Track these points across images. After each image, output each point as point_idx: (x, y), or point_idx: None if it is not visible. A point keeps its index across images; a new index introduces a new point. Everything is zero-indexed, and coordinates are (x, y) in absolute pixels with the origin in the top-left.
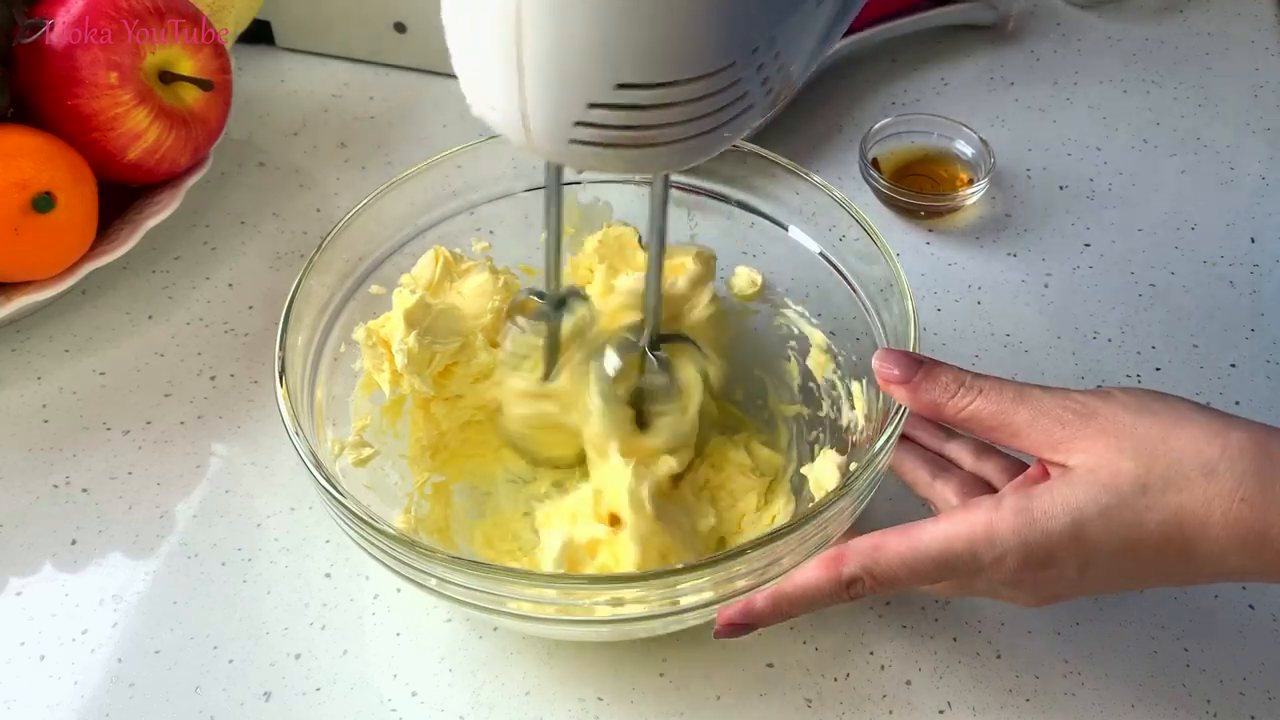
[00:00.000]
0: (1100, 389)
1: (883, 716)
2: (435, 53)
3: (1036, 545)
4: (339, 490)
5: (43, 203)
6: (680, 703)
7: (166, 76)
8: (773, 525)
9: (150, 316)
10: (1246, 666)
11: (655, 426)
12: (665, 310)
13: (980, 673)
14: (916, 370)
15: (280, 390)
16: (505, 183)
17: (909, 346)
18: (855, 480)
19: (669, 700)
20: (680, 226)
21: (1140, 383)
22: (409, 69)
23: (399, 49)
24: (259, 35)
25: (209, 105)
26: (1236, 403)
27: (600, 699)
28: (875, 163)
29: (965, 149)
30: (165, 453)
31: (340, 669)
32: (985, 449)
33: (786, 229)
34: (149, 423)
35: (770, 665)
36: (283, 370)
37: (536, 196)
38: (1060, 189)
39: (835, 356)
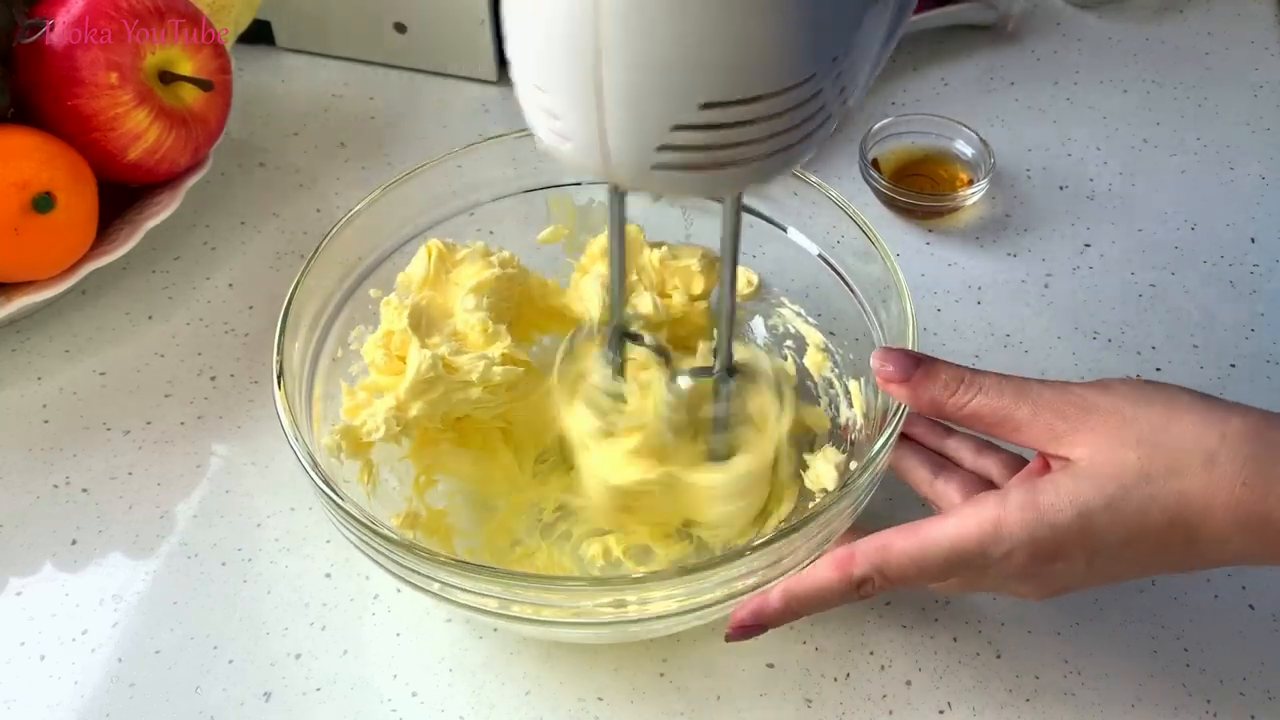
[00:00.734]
0: (1099, 381)
1: (883, 716)
2: (436, 53)
3: (1044, 539)
4: (337, 493)
5: (43, 203)
6: (680, 703)
7: (166, 77)
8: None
9: (150, 317)
10: (1247, 666)
11: (726, 459)
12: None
13: (981, 673)
14: (915, 368)
15: (278, 393)
16: (505, 183)
17: (907, 346)
18: (855, 480)
19: (669, 700)
20: (675, 225)
21: None
22: (409, 69)
23: (399, 49)
24: (259, 35)
25: (209, 105)
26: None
27: (600, 699)
28: (875, 163)
29: (965, 149)
30: (165, 453)
31: (340, 669)
32: (985, 445)
33: (785, 230)
34: (149, 423)
35: (770, 665)
36: (280, 373)
37: (536, 197)
38: (1060, 189)
39: (832, 355)
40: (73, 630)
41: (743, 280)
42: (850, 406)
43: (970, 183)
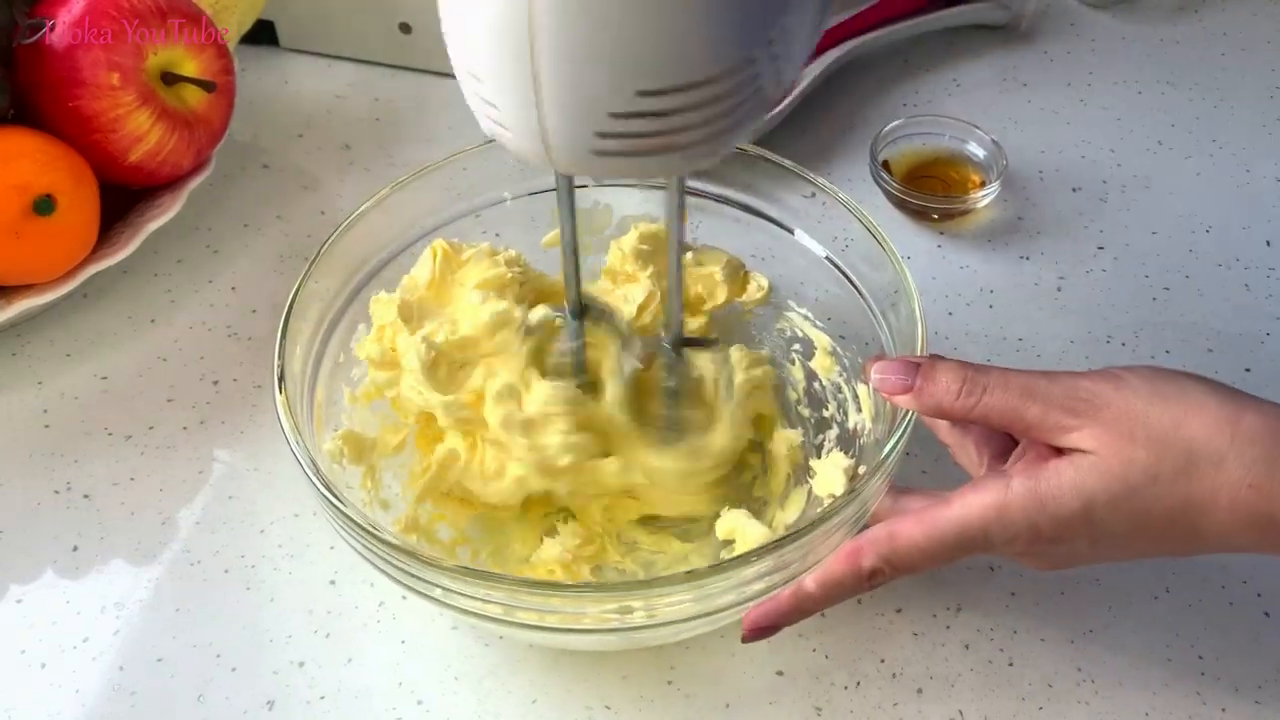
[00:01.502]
0: (1109, 372)
1: None
2: (440, 53)
3: (1046, 527)
4: (338, 498)
5: (44, 205)
6: (689, 711)
7: (169, 78)
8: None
9: (152, 320)
10: (1262, 674)
11: (677, 437)
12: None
13: (993, 681)
14: (914, 375)
15: (279, 398)
16: (511, 184)
17: (917, 349)
18: (864, 485)
19: (677, 708)
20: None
21: None
22: (414, 70)
23: (403, 49)
24: (262, 36)
25: (212, 107)
26: None
27: (608, 707)
28: (886, 165)
29: (977, 151)
30: (167, 458)
31: (344, 677)
32: None
33: (793, 232)
34: (151, 428)
35: (780, 673)
36: (281, 377)
37: (542, 198)
38: (1074, 191)
39: (840, 359)
40: (74, 638)
41: (754, 285)
42: (859, 411)
43: (982, 185)
